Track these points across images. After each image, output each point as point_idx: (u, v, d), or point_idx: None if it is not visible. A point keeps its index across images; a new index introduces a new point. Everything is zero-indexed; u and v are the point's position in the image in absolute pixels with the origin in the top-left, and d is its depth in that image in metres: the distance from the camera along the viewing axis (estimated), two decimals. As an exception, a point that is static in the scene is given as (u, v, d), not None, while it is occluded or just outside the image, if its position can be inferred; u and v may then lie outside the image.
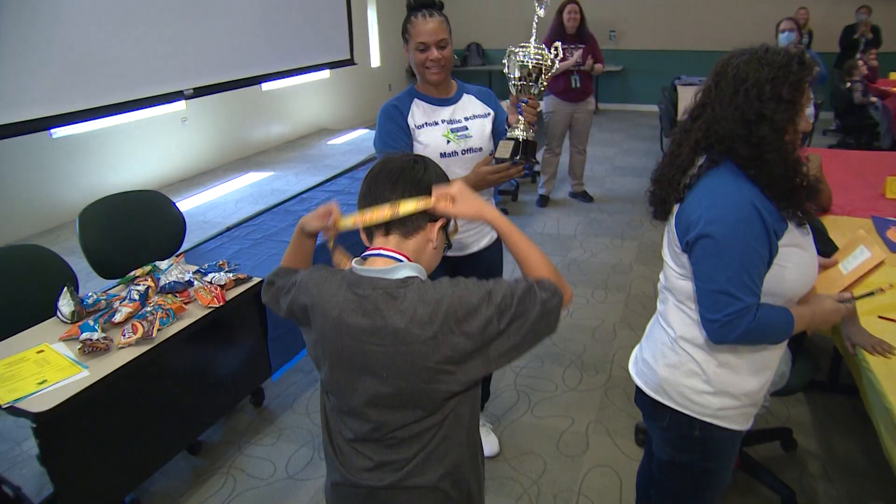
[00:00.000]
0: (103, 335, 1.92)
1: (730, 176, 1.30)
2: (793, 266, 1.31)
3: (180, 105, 6.19)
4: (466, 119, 2.03)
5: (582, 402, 2.80)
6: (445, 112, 1.99)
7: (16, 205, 4.95)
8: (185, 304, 2.19)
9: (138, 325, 1.97)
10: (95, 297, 2.16)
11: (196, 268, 2.42)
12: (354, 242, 1.19)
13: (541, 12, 1.68)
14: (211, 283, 2.27)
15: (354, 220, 1.15)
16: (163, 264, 2.39)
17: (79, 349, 1.89)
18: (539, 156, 5.61)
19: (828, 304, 1.41)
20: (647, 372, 1.55)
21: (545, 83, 1.71)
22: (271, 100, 7.46)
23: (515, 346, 1.07)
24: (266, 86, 7.26)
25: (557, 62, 1.70)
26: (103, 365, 1.86)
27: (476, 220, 1.19)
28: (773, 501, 2.20)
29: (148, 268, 2.36)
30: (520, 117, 1.73)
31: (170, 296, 2.18)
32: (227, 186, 6.17)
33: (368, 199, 1.14)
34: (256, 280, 2.39)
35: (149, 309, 2.06)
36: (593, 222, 5.02)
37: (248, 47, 4.89)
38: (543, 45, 1.67)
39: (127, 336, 1.94)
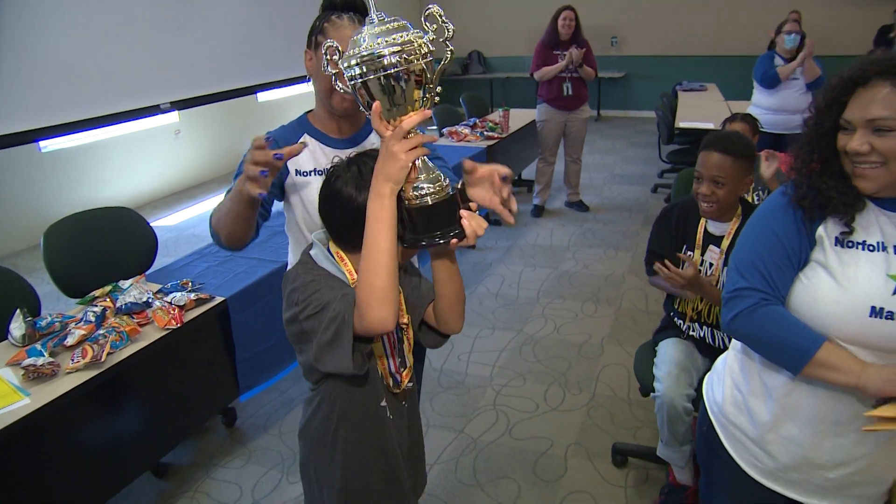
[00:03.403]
0: (50, 360, 1.85)
1: None
2: (820, 286, 1.14)
3: (173, 117, 6.16)
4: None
5: (563, 422, 2.69)
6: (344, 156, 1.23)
7: (6, 219, 4.93)
8: (142, 325, 2.12)
9: (88, 349, 1.90)
10: (50, 318, 2.09)
11: (158, 287, 2.35)
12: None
13: None
14: (171, 303, 2.21)
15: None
16: (125, 284, 2.33)
17: (22, 375, 1.82)
18: (532, 166, 5.52)
19: (884, 374, 1.08)
20: None
21: (431, 88, 0.99)
22: (267, 110, 7.43)
23: (316, 360, 1.13)
24: (262, 96, 7.23)
25: (447, 46, 0.99)
26: (47, 391, 1.78)
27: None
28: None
29: (108, 288, 2.29)
30: (425, 161, 1.04)
31: (126, 317, 2.11)
32: (219, 199, 6.11)
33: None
34: (219, 300, 2.31)
35: (101, 332, 1.99)
36: (588, 232, 4.92)
37: (239, 58, 4.84)
38: (399, 21, 0.96)
39: (75, 360, 1.87)
